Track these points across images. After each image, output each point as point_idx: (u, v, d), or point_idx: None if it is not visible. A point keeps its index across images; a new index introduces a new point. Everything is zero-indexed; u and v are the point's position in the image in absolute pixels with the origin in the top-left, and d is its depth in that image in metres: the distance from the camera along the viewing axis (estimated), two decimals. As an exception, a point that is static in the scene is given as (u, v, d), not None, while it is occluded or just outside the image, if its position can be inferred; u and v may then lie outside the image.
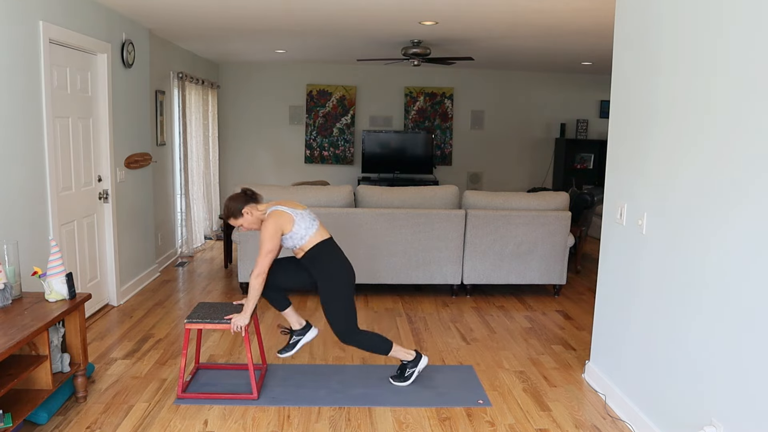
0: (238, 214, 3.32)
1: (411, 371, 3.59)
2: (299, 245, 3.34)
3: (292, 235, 3.30)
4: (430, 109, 9.31)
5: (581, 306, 5.31)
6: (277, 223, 3.25)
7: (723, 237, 2.40)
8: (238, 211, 3.31)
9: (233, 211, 3.32)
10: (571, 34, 5.70)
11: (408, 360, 3.59)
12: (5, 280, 3.01)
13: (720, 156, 2.42)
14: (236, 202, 3.31)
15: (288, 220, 3.27)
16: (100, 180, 4.84)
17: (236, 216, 3.32)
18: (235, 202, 3.31)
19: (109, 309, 4.93)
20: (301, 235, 3.31)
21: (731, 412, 2.35)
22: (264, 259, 3.22)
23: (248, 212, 3.32)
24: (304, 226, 3.31)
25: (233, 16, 5.12)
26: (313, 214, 3.44)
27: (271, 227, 3.23)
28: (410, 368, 3.59)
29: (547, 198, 5.40)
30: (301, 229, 3.30)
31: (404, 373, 3.60)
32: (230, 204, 3.32)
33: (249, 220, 3.33)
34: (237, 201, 3.31)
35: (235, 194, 3.35)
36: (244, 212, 3.31)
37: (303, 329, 3.64)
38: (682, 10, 2.71)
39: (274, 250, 3.25)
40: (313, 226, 3.35)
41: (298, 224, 3.29)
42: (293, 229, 3.28)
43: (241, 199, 3.32)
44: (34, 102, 3.81)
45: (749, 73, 2.25)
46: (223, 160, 9.24)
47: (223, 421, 3.12)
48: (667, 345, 2.82)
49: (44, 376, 2.97)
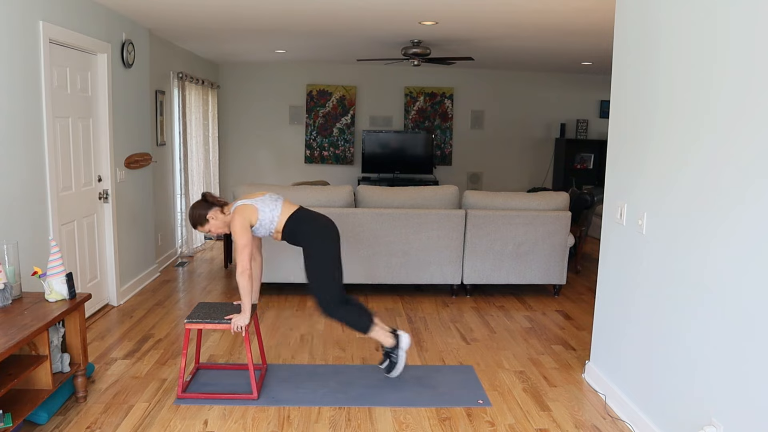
0: (203, 221, 3.36)
1: (397, 353, 3.57)
2: (273, 229, 3.38)
3: (261, 222, 3.34)
4: (430, 109, 9.31)
5: (581, 306, 5.31)
6: (242, 217, 3.29)
7: (723, 237, 2.40)
8: (203, 217, 3.36)
9: (198, 219, 3.37)
10: (571, 34, 5.70)
11: (390, 346, 3.57)
12: (5, 280, 3.01)
13: (720, 156, 2.42)
14: (199, 210, 3.36)
15: (251, 211, 3.32)
16: (100, 180, 4.84)
17: (202, 223, 3.37)
18: (197, 210, 3.36)
19: (109, 309, 4.93)
20: (270, 219, 3.35)
21: (731, 412, 2.35)
22: (241, 254, 3.25)
23: (213, 217, 3.36)
24: (269, 210, 3.35)
25: (233, 16, 5.12)
26: (275, 194, 3.46)
27: (238, 223, 3.28)
28: (395, 352, 3.58)
29: (547, 198, 5.40)
30: (266, 214, 3.34)
31: (392, 359, 3.58)
32: (194, 212, 3.36)
33: (216, 225, 3.38)
34: (199, 208, 3.36)
35: (197, 202, 3.39)
36: (208, 218, 3.36)
37: (396, 344, 3.57)
38: (682, 10, 2.71)
39: (248, 243, 3.27)
40: (277, 207, 3.38)
41: (262, 210, 3.33)
42: (259, 217, 3.33)
43: (203, 206, 3.36)
44: (34, 102, 3.81)
45: (749, 73, 2.25)
46: (223, 160, 9.24)
47: (223, 421, 3.12)
48: (667, 345, 2.82)
49: (44, 376, 2.97)
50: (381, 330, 3.53)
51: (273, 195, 3.44)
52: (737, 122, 2.32)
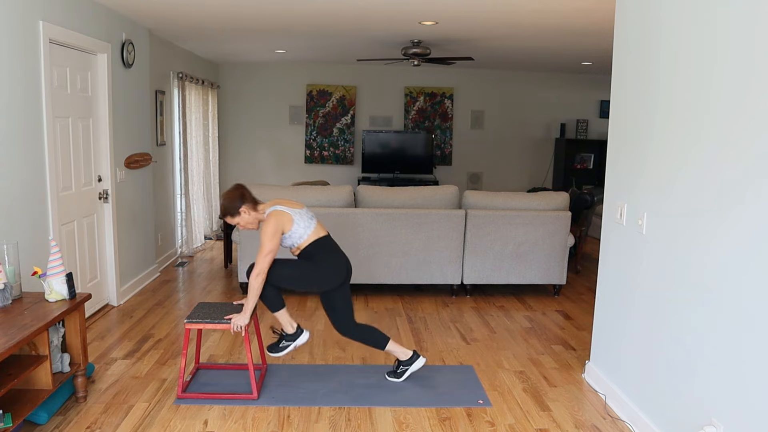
0: (235, 213, 3.31)
1: (404, 369, 3.63)
2: (297, 244, 3.36)
3: (291, 234, 3.31)
4: (430, 109, 9.31)
5: (581, 306, 5.31)
6: (278, 223, 3.25)
7: (723, 237, 2.40)
8: (236, 210, 3.31)
9: (230, 210, 3.31)
10: (571, 34, 5.70)
11: (403, 359, 3.62)
12: (5, 280, 3.01)
13: (720, 156, 2.42)
14: (233, 201, 3.30)
15: (287, 219, 3.28)
16: (100, 180, 4.84)
17: (233, 215, 3.32)
18: (231, 201, 3.30)
19: (109, 309, 4.93)
20: (300, 234, 3.32)
21: (731, 412, 2.35)
22: (264, 259, 3.22)
23: (245, 212, 3.31)
24: (303, 225, 3.32)
25: (233, 16, 5.12)
26: (311, 212, 3.45)
27: (272, 227, 3.23)
28: (404, 366, 3.63)
29: (547, 198, 5.40)
30: (300, 228, 3.31)
31: (397, 369, 3.65)
32: (227, 203, 3.31)
33: (246, 220, 3.33)
34: (233, 200, 3.30)
35: (231, 193, 3.32)
36: (241, 211, 3.31)
37: (294, 334, 3.58)
38: (682, 10, 2.71)
39: (275, 250, 3.24)
40: (311, 225, 3.36)
41: (297, 223, 3.30)
42: (293, 228, 3.29)
43: (237, 198, 3.30)
44: (34, 102, 3.81)
45: (749, 73, 2.25)
46: (223, 160, 9.24)
47: (223, 421, 3.12)
48: (667, 345, 2.82)
49: (44, 376, 2.97)
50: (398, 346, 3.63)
51: (309, 212, 3.42)
52: (737, 122, 2.32)
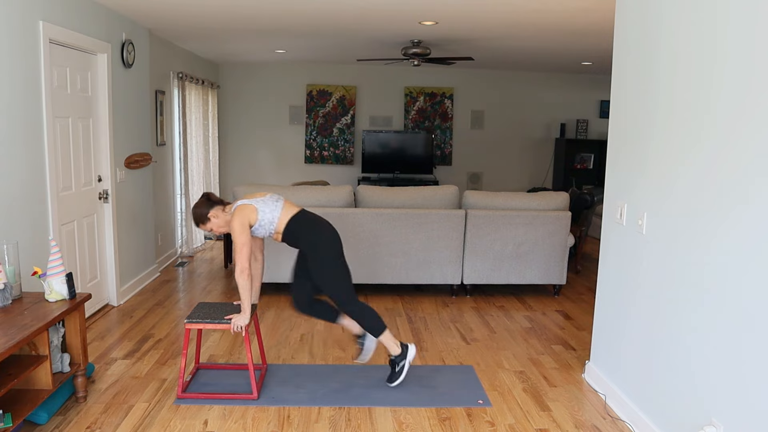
0: (205, 219, 3.41)
1: (402, 364, 3.58)
2: (273, 230, 3.40)
3: (260, 222, 3.35)
4: (430, 109, 9.31)
5: (581, 306, 5.31)
6: (242, 216, 3.31)
7: (723, 237, 2.40)
8: (205, 216, 3.41)
9: (200, 217, 3.41)
10: (571, 34, 5.70)
11: (396, 354, 3.58)
12: (5, 280, 3.01)
13: (720, 156, 2.42)
14: (201, 208, 3.40)
15: (251, 211, 3.33)
16: (100, 180, 4.84)
17: (204, 221, 3.42)
18: (200, 208, 3.41)
19: (109, 309, 4.93)
20: (270, 220, 3.36)
21: (731, 412, 2.35)
22: (240, 254, 3.26)
23: (214, 216, 3.40)
24: (269, 210, 3.36)
25: (233, 16, 5.12)
26: (275, 195, 3.47)
27: (237, 223, 3.30)
28: (400, 361, 3.58)
29: (547, 198, 5.40)
30: (266, 215, 3.35)
31: (395, 368, 3.59)
32: (196, 211, 3.41)
33: (217, 223, 3.42)
34: (202, 207, 3.41)
35: (199, 201, 3.43)
36: (210, 216, 3.40)
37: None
38: (682, 10, 2.71)
39: (247, 242, 3.29)
40: (277, 207, 3.39)
41: (262, 210, 3.35)
42: (259, 217, 3.34)
43: (205, 204, 3.41)
44: (34, 102, 3.81)
45: (749, 72, 2.25)
46: (223, 160, 9.24)
47: (223, 421, 3.12)
48: (667, 345, 2.82)
49: (44, 376, 2.97)
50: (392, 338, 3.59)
51: (274, 196, 3.45)
52: (737, 122, 2.32)
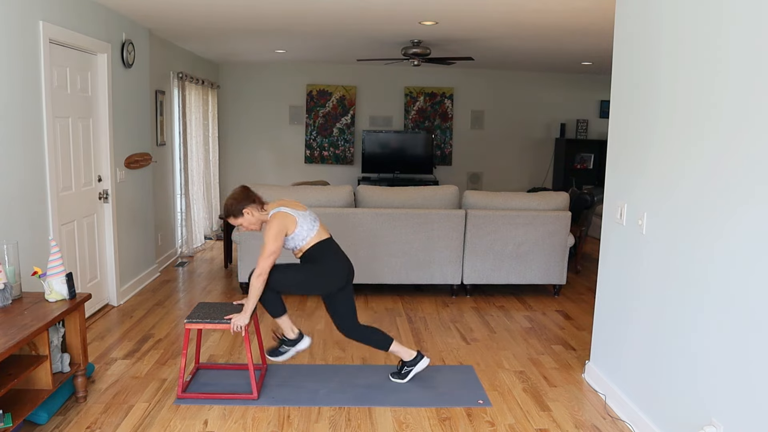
0: (238, 213, 3.30)
1: (408, 369, 3.62)
2: (299, 246, 3.35)
3: (294, 236, 3.31)
4: (430, 109, 9.31)
5: (581, 306, 5.31)
6: (282, 224, 3.25)
7: (723, 237, 2.40)
8: (239, 211, 3.30)
9: (233, 211, 3.30)
10: (571, 34, 5.70)
11: (407, 360, 3.62)
12: (5, 280, 3.01)
13: (721, 155, 2.42)
14: (237, 202, 3.30)
15: (291, 221, 3.28)
16: (100, 180, 4.84)
17: (236, 215, 3.31)
18: (236, 201, 3.30)
19: (109, 309, 4.93)
20: (303, 237, 3.32)
21: (731, 412, 2.35)
22: (266, 260, 3.22)
23: (249, 212, 3.31)
24: (307, 228, 3.32)
25: (233, 16, 5.12)
26: (314, 214, 3.44)
27: (275, 228, 3.23)
28: (408, 367, 3.62)
29: (547, 198, 5.40)
30: (303, 231, 3.31)
31: (402, 370, 3.63)
32: (231, 203, 3.31)
33: (249, 221, 3.32)
34: (238, 200, 3.30)
35: (237, 193, 3.33)
36: (244, 212, 3.30)
37: (295, 340, 3.58)
38: (682, 9, 2.71)
39: (277, 251, 3.24)
40: (314, 228, 3.36)
41: (301, 225, 3.30)
42: (296, 231, 3.29)
43: (242, 198, 3.30)
44: (34, 102, 3.81)
45: (750, 72, 2.25)
46: (223, 160, 9.24)
47: (223, 421, 3.12)
48: (668, 345, 2.82)
49: (44, 376, 2.97)
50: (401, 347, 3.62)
51: (313, 215, 3.41)
52: (739, 121, 2.31)
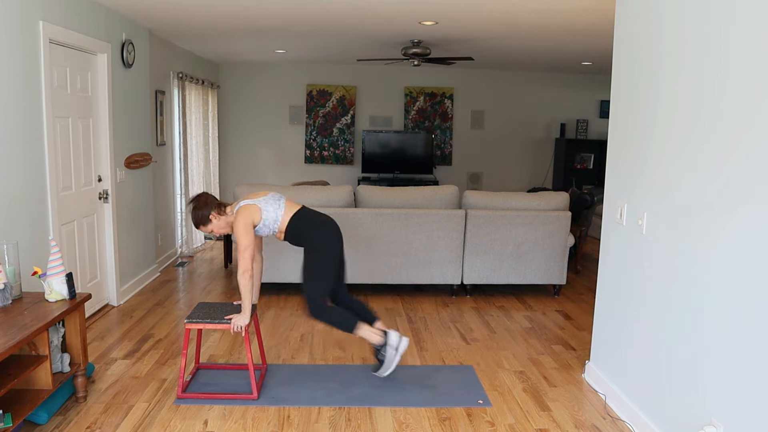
0: (206, 221, 3.37)
1: (383, 351, 3.52)
2: (276, 228, 3.40)
3: (264, 222, 3.35)
4: (430, 109, 9.31)
5: (581, 306, 5.31)
6: (246, 217, 3.30)
7: (723, 237, 2.40)
8: (206, 218, 3.37)
9: (201, 219, 3.37)
10: (571, 34, 5.69)
11: (379, 344, 3.53)
12: (5, 280, 3.01)
13: (720, 155, 2.42)
14: (202, 210, 3.36)
15: (255, 211, 3.33)
16: (100, 180, 4.84)
17: (205, 223, 3.38)
18: (200, 210, 3.36)
19: (109, 309, 4.93)
20: (273, 218, 3.36)
21: (731, 412, 2.35)
22: (243, 255, 3.27)
23: (215, 217, 3.37)
24: (272, 210, 3.36)
25: (233, 16, 5.12)
26: (277, 194, 3.46)
27: (241, 223, 3.29)
28: (380, 349, 3.53)
29: (547, 198, 5.40)
30: (270, 214, 3.35)
31: (379, 356, 3.54)
32: (196, 213, 3.37)
33: (218, 225, 3.39)
34: (202, 209, 3.36)
35: (198, 202, 3.39)
36: (211, 218, 3.37)
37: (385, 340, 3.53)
38: (682, 9, 2.71)
39: (251, 244, 3.28)
40: (280, 206, 3.39)
41: (266, 210, 3.35)
42: (263, 217, 3.34)
43: (204, 205, 3.37)
44: (34, 102, 3.81)
45: (750, 72, 2.25)
46: (223, 160, 9.24)
47: (223, 421, 3.12)
48: (668, 345, 2.82)
49: (44, 376, 2.97)
50: (369, 329, 3.50)
51: (276, 194, 3.45)
52: (738, 121, 2.32)
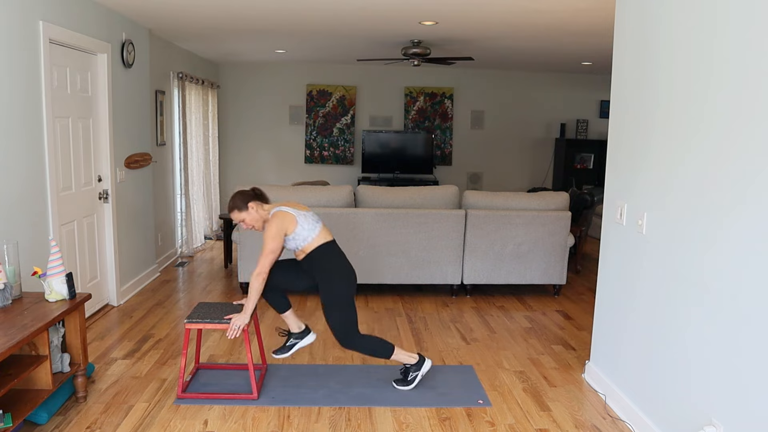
0: (243, 207, 3.31)
1: (414, 375, 3.55)
2: (301, 246, 3.34)
3: (294, 236, 3.30)
4: (430, 109, 9.31)
5: (581, 306, 5.31)
6: (281, 223, 3.25)
7: (723, 237, 2.40)
8: (244, 204, 3.31)
9: (238, 204, 3.32)
10: (571, 34, 5.70)
11: (411, 364, 3.55)
12: (5, 280, 3.01)
13: (720, 155, 2.42)
14: (243, 196, 3.33)
15: (291, 221, 3.27)
16: (100, 180, 4.84)
17: (240, 209, 3.32)
18: (242, 195, 3.33)
19: (109, 309, 4.93)
20: (304, 237, 3.31)
21: (731, 412, 2.35)
22: (265, 258, 3.23)
23: (253, 207, 3.32)
24: (308, 228, 3.31)
25: (233, 16, 5.12)
26: (316, 216, 3.43)
27: (275, 227, 3.24)
28: (413, 372, 3.55)
29: (547, 198, 5.40)
30: (304, 231, 3.29)
31: (407, 377, 3.55)
32: (237, 197, 3.33)
33: (253, 216, 3.33)
34: (244, 195, 3.33)
35: (244, 190, 3.37)
36: (249, 206, 3.32)
37: (301, 333, 3.62)
38: (682, 10, 2.71)
39: (276, 250, 3.25)
40: (315, 228, 3.34)
41: (302, 225, 3.29)
42: (296, 230, 3.28)
43: (248, 194, 3.35)
44: (34, 102, 3.81)
45: (748, 72, 2.25)
46: (223, 160, 9.24)
47: (223, 421, 3.12)
48: (667, 345, 2.82)
49: (44, 376, 2.97)
50: (403, 352, 3.53)
51: (315, 216, 3.41)
52: (737, 122, 2.32)
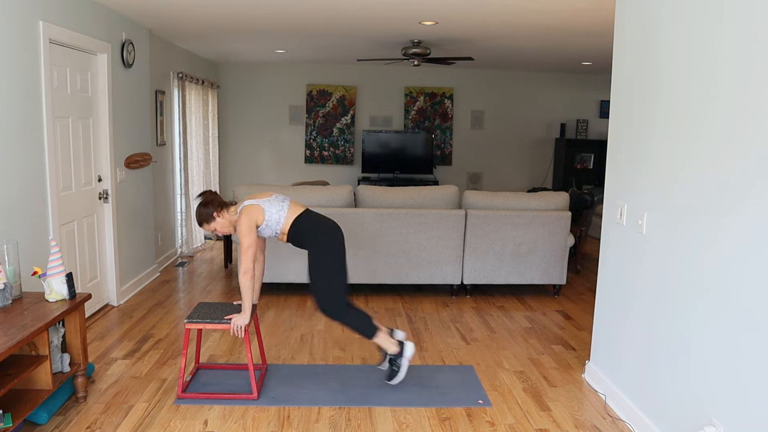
0: (209, 219, 3.39)
1: (399, 362, 3.51)
2: (278, 230, 3.39)
3: (267, 223, 3.35)
4: (430, 109, 9.31)
5: (581, 306, 5.31)
6: (249, 217, 3.31)
7: (723, 237, 2.40)
8: (209, 216, 3.38)
9: (205, 217, 3.39)
10: (571, 34, 5.70)
11: (394, 353, 3.52)
12: (5, 280, 3.01)
13: (720, 155, 2.42)
14: (207, 208, 3.38)
15: (258, 211, 3.33)
16: (100, 180, 4.84)
17: (208, 221, 3.40)
18: (205, 207, 3.38)
19: (109, 309, 4.93)
20: (276, 220, 3.36)
21: (731, 412, 2.35)
22: (245, 255, 3.27)
23: (219, 215, 3.38)
24: (275, 211, 3.36)
25: (233, 16, 5.12)
26: (282, 195, 3.46)
27: (245, 223, 3.29)
28: (398, 359, 3.51)
29: (547, 198, 5.40)
30: (273, 215, 3.35)
31: (393, 366, 3.53)
32: (201, 210, 3.39)
33: (221, 223, 3.41)
34: (207, 206, 3.38)
35: (204, 199, 3.41)
36: (214, 216, 3.38)
37: (401, 351, 3.52)
38: (682, 9, 2.71)
39: (254, 244, 3.29)
40: (284, 208, 3.39)
41: (269, 211, 3.34)
42: (266, 217, 3.34)
43: (210, 204, 3.39)
44: (34, 102, 3.81)
45: (749, 72, 2.25)
46: (223, 160, 9.24)
47: (223, 421, 3.12)
48: (667, 345, 2.82)
49: (44, 376, 2.97)
50: (386, 338, 3.50)
51: (280, 196, 3.45)
52: (737, 122, 2.32)
